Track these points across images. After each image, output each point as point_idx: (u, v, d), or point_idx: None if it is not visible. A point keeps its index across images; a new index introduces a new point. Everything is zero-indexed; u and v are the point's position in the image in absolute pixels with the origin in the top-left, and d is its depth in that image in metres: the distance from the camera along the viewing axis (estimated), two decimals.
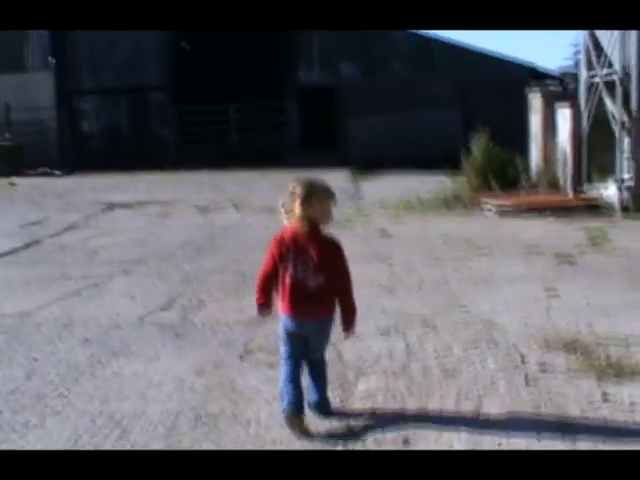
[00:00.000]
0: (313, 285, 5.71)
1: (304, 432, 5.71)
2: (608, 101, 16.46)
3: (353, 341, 7.47)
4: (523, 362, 7.23)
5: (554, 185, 18.04)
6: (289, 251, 5.72)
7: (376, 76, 30.11)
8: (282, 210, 5.84)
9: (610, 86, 16.43)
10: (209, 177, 25.73)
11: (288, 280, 5.74)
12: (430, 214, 16.44)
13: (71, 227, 16.21)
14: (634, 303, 9.22)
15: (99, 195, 21.49)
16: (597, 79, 16.93)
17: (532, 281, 10.39)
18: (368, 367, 7.17)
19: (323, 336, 5.97)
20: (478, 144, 18.87)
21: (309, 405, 5.98)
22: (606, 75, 16.57)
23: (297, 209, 5.69)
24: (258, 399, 6.46)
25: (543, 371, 6.96)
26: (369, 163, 26.28)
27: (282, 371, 5.94)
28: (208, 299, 9.91)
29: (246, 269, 11.39)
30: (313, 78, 30.72)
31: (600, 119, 17.14)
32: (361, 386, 6.70)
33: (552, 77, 27.37)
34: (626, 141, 15.84)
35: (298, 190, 5.70)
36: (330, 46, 30.11)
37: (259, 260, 8.62)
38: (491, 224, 15.07)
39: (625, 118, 15.79)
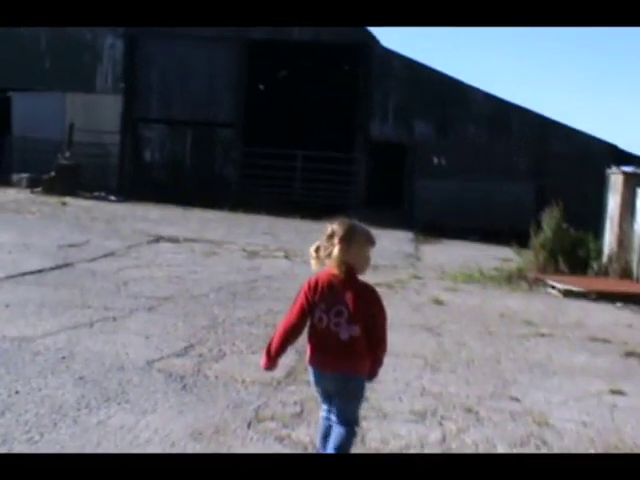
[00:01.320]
0: (346, 337, 5.26)
1: None
2: None
3: (381, 421, 6.42)
4: None
5: (627, 273, 16.77)
6: (323, 298, 5.29)
7: (450, 137, 29.02)
8: (314, 254, 5.40)
9: None
10: (266, 222, 24.77)
11: (319, 329, 5.31)
12: (490, 287, 15.27)
13: (110, 254, 15.33)
14: None
15: (148, 226, 20.64)
16: None
17: (595, 375, 9.20)
18: None
19: (351, 396, 5.42)
20: (549, 220, 17.69)
21: None
22: None
23: (335, 251, 5.27)
24: None
25: None
26: (433, 227, 25.25)
27: (318, 427, 5.65)
28: (230, 350, 8.89)
29: (280, 322, 10.40)
30: (385, 133, 29.70)
31: None
32: None
33: (634, 157, 26.11)
34: None
35: (338, 231, 5.30)
36: (406, 101, 29.20)
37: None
38: (555, 305, 13.86)
39: None
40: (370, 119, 29.80)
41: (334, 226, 5.34)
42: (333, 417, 5.45)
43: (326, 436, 5.49)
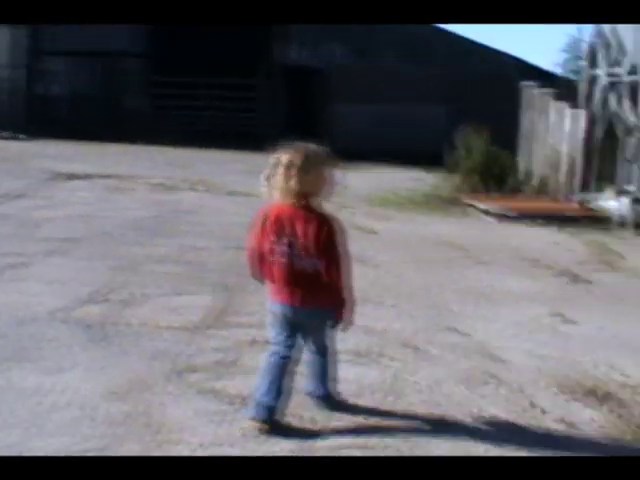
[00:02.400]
0: (308, 269, 4.91)
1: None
2: (613, 102, 14.84)
3: None
4: (536, 413, 5.60)
5: (552, 192, 16.42)
6: (279, 230, 4.92)
7: (365, 61, 28.27)
8: (265, 184, 4.96)
9: (617, 86, 14.84)
10: (181, 154, 23.84)
11: (278, 263, 4.96)
12: (421, 213, 14.76)
13: (19, 196, 14.41)
14: None
15: (57, 164, 19.42)
16: (601, 78, 15.32)
17: (540, 301, 8.77)
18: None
19: (321, 326, 5.17)
20: (476, 142, 17.23)
21: (312, 396, 5.36)
22: (612, 75, 14.97)
23: (290, 181, 4.84)
24: (179, 442, 4.84)
25: (564, 428, 5.37)
26: (352, 153, 24.45)
27: (262, 362, 5.12)
28: (153, 292, 8.20)
29: (202, 259, 9.77)
30: (303, 59, 28.79)
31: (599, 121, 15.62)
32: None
33: (546, 73, 25.88)
34: (630, 145, 14.20)
35: (291, 158, 4.85)
36: (324, 26, 28.29)
37: (219, 249, 7.09)
38: (489, 229, 13.46)
39: (633, 121, 14.14)
40: (287, 44, 28.86)
41: (285, 154, 4.88)
42: (310, 347, 5.21)
43: (274, 379, 4.99)
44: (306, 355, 5.28)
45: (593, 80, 15.72)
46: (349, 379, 5.86)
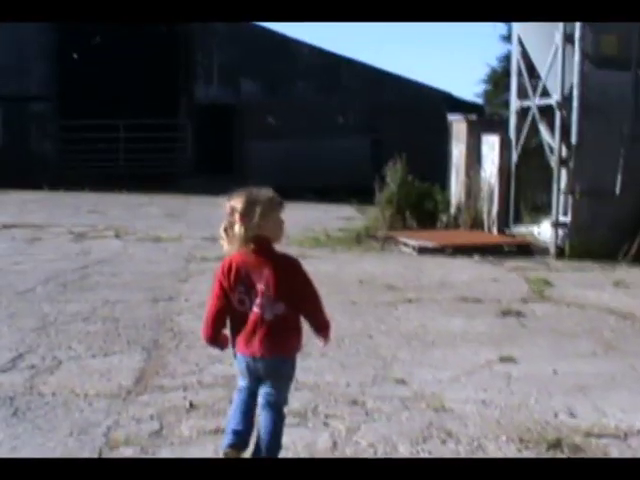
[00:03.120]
0: (270, 317, 4.89)
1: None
2: (543, 131, 14.66)
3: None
4: None
5: (477, 223, 16.17)
6: (239, 280, 4.89)
7: (278, 95, 27.79)
8: (223, 235, 4.94)
9: (546, 114, 14.64)
10: (92, 199, 22.88)
11: (241, 313, 4.92)
12: (340, 251, 14.31)
13: None
14: (612, 374, 7.31)
15: None
16: (530, 106, 15.11)
17: (477, 340, 8.40)
18: None
19: (280, 377, 5.04)
20: (393, 174, 16.88)
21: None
22: (541, 103, 14.78)
23: (237, 229, 4.84)
24: None
25: None
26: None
27: (234, 400, 5.13)
28: (66, 356, 7.58)
29: (119, 314, 9.19)
30: (211, 95, 28.26)
31: (530, 152, 15.40)
32: None
33: (469, 105, 25.66)
34: (564, 176, 14.02)
35: (236, 207, 4.85)
36: (230, 61, 27.86)
37: (136, 303, 6.51)
38: (412, 264, 13.04)
39: (564, 150, 13.97)
40: (194, 81, 28.33)
41: (231, 202, 4.89)
42: (262, 400, 5.02)
43: (244, 406, 5.04)
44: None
45: (522, 111, 15.51)
46: (297, 444, 5.41)
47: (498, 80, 32.67)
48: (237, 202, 4.85)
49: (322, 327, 5.12)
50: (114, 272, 11.84)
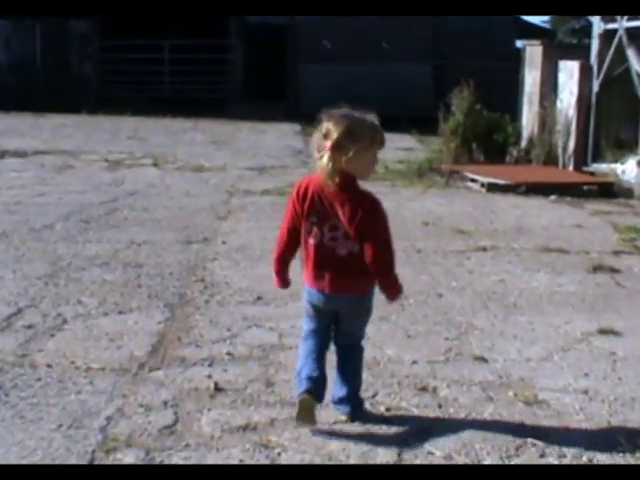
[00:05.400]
0: (344, 253, 4.43)
1: (311, 424, 4.41)
2: (632, 56, 12.97)
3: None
4: None
5: (551, 158, 14.59)
6: (314, 209, 4.41)
7: (336, 17, 25.90)
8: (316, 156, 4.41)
9: (636, 38, 12.96)
10: (132, 124, 21.41)
11: (312, 245, 4.47)
12: (401, 186, 12.86)
13: None
14: None
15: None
16: (617, 29, 13.40)
17: (568, 303, 6.98)
18: None
19: (356, 316, 4.62)
20: (460, 102, 15.30)
21: (334, 402, 4.64)
22: (631, 25, 13.07)
23: (324, 160, 4.27)
24: None
25: None
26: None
27: (301, 348, 4.65)
28: (72, 313, 6.27)
29: (144, 259, 7.87)
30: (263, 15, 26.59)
31: (617, 80, 13.70)
32: None
33: (540, 30, 23.80)
34: None
35: (332, 132, 4.24)
36: None
37: (166, 244, 7.24)
38: (482, 204, 11.55)
39: None
40: None
41: (328, 123, 4.26)
42: (339, 341, 4.65)
43: (314, 352, 4.54)
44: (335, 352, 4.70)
45: (607, 34, 13.75)
46: (350, 454, 4.11)
47: None
48: (334, 127, 4.22)
49: (388, 284, 4.55)
50: (146, 206, 10.53)
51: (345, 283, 4.45)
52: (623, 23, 13.15)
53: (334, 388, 4.62)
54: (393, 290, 4.59)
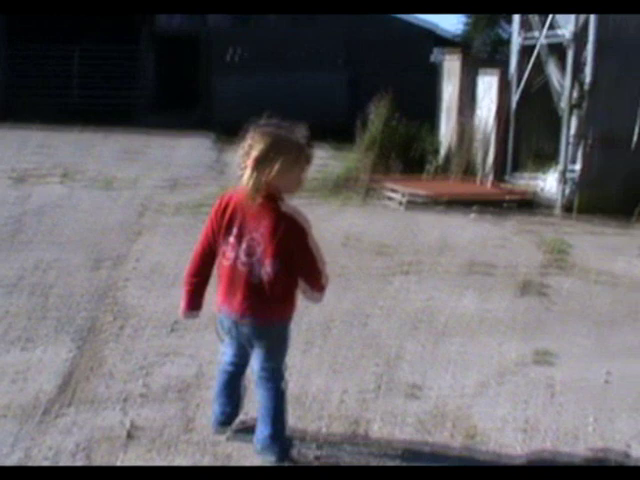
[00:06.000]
0: (257, 277, 4.10)
1: None
2: (552, 69, 12.86)
3: None
4: None
5: (470, 171, 14.43)
6: (233, 226, 4.14)
7: (249, 26, 25.49)
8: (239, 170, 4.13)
9: (555, 51, 12.85)
10: (40, 136, 20.53)
11: (226, 265, 4.18)
12: (317, 202, 12.50)
13: None
14: None
15: None
16: (535, 42, 13.27)
17: (499, 326, 6.76)
18: None
19: (267, 345, 4.25)
20: (377, 114, 15.05)
21: (257, 448, 4.30)
22: (549, 38, 12.95)
23: (248, 176, 4.03)
24: None
25: None
26: (236, 129, 21.97)
27: (217, 377, 4.55)
28: None
29: (51, 283, 7.38)
30: (174, 24, 25.97)
31: (536, 93, 13.58)
32: None
33: (456, 41, 23.70)
34: (574, 121, 12.29)
35: (256, 146, 4.01)
36: None
37: (75, 266, 6.98)
38: (403, 220, 11.30)
39: (575, 91, 12.22)
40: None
41: (251, 138, 4.05)
42: (255, 374, 4.31)
43: (228, 385, 4.45)
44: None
45: (526, 47, 13.63)
46: None
47: (478, 19, 30.73)
48: (258, 140, 4.01)
49: (315, 286, 4.27)
50: (54, 225, 10.01)
51: (255, 308, 4.17)
52: (542, 36, 13.03)
53: (257, 428, 4.30)
54: (316, 289, 4.31)
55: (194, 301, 4.33)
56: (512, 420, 4.91)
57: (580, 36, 12.09)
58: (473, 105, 14.61)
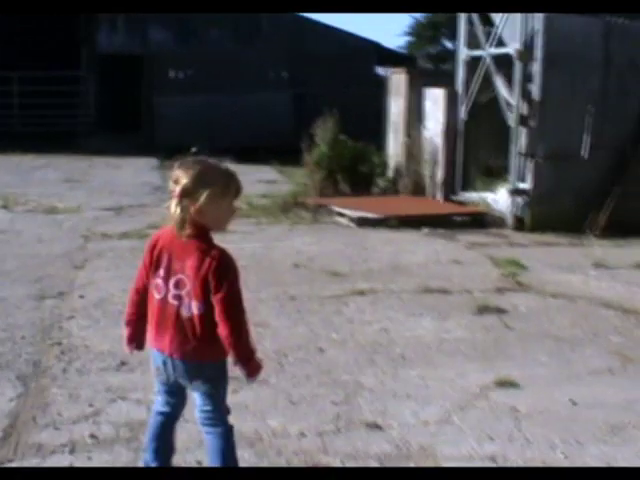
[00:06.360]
0: (187, 314, 3.93)
1: None
2: (499, 84, 12.77)
3: None
4: None
5: (419, 188, 14.31)
6: (161, 263, 4.01)
7: (191, 45, 25.10)
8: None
9: (502, 65, 12.76)
10: None
11: (156, 301, 4.02)
12: (267, 224, 12.28)
13: None
14: None
15: None
16: (482, 56, 13.19)
17: (458, 352, 6.58)
18: None
19: (205, 384, 4.02)
20: (323, 133, 14.88)
21: None
22: (496, 52, 12.88)
23: (174, 208, 3.86)
24: None
25: None
26: (180, 150, 21.60)
27: (150, 422, 4.28)
28: None
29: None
30: (116, 44, 25.50)
31: (484, 108, 13.49)
32: None
33: (400, 56, 23.66)
34: (523, 136, 12.21)
35: (182, 179, 3.86)
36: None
37: (16, 301, 6.51)
38: (354, 240, 11.10)
39: (524, 106, 12.15)
40: (96, 29, 25.60)
41: (178, 170, 3.92)
42: (197, 419, 4.11)
43: (159, 436, 4.19)
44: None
45: (472, 61, 13.52)
46: None
47: (421, 32, 30.82)
48: (184, 173, 3.86)
49: (236, 351, 3.91)
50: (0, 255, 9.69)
51: (185, 347, 3.98)
52: (489, 50, 12.95)
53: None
54: (249, 365, 3.95)
55: (136, 339, 4.23)
56: (477, 457, 4.72)
57: (527, 51, 12.03)
58: (420, 121, 14.48)
